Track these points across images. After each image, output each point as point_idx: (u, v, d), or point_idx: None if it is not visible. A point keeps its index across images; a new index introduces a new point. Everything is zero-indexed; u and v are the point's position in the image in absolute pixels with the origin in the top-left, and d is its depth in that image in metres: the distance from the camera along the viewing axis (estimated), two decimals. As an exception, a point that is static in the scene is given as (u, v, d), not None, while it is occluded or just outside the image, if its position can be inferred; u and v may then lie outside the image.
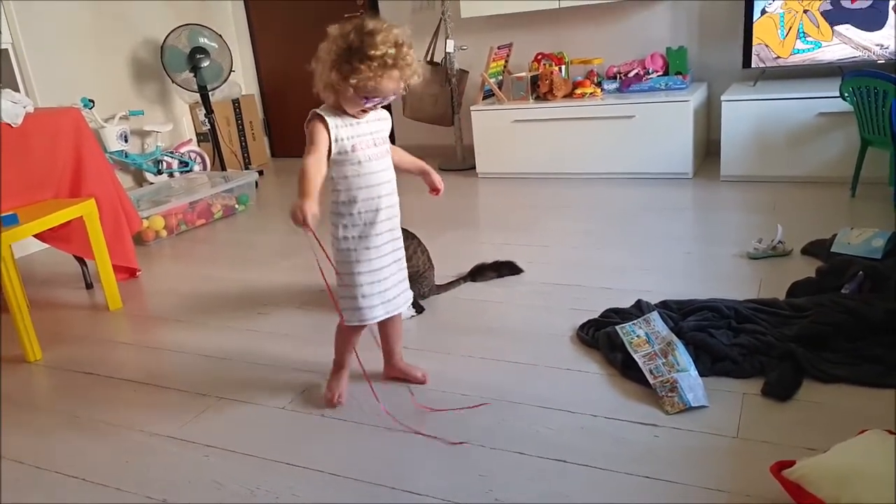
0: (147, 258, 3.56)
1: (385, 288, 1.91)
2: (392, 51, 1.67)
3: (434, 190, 1.99)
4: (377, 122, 1.87)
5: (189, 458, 1.85)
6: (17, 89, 3.84)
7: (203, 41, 4.75)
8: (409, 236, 2.61)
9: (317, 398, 2.08)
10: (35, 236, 2.87)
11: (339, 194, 1.86)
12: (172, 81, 4.79)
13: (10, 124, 2.81)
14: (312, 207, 1.69)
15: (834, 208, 3.25)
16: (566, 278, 2.76)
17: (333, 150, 1.80)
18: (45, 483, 1.81)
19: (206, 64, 4.73)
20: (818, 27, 3.66)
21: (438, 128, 4.73)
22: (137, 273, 3.31)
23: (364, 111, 1.80)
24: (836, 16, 3.61)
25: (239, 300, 2.90)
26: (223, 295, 2.98)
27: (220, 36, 4.88)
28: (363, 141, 1.82)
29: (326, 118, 1.79)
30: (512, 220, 3.64)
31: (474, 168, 4.57)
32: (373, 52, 1.66)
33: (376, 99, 1.75)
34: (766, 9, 3.74)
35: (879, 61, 3.56)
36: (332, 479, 1.70)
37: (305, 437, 1.89)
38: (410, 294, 2.03)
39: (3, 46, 3.92)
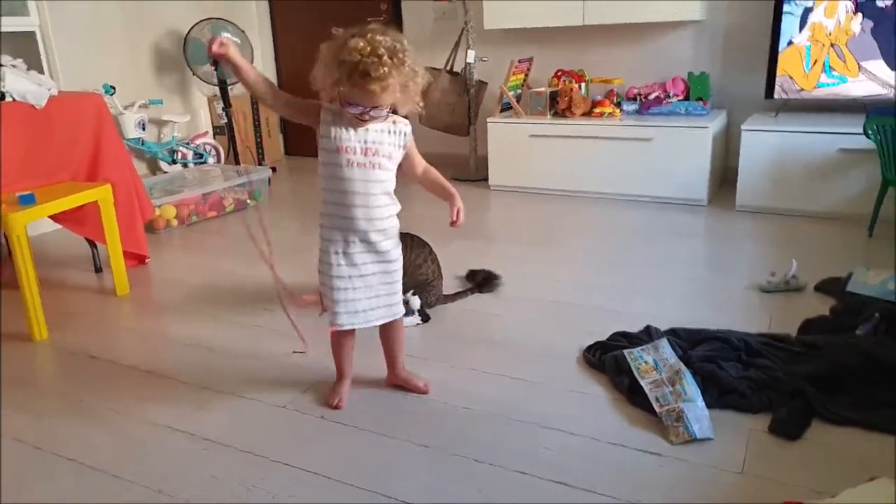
0: (157, 246, 3.56)
1: (353, 298, 1.88)
2: (367, 59, 1.63)
3: (453, 222, 1.93)
4: (378, 133, 1.81)
5: (188, 450, 1.84)
6: (41, 72, 3.85)
7: (226, 36, 4.75)
8: (421, 244, 2.60)
9: (318, 399, 2.06)
10: (50, 217, 2.87)
11: (323, 193, 1.87)
12: (193, 73, 4.80)
13: (34, 106, 2.82)
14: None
15: (850, 247, 3.22)
16: (574, 297, 2.74)
17: (320, 142, 1.82)
18: (44, 464, 1.81)
19: (228, 58, 4.73)
20: (845, 62, 3.64)
21: (453, 137, 4.73)
22: (146, 260, 3.31)
23: (360, 119, 1.76)
24: (864, 51, 3.59)
25: (245, 295, 2.89)
26: (230, 288, 2.97)
27: (244, 32, 4.89)
28: (351, 146, 1.79)
29: (326, 106, 1.81)
30: (523, 234, 3.63)
31: (487, 180, 4.56)
32: (343, 56, 1.66)
33: (359, 107, 1.72)
34: (793, 40, 3.72)
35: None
36: (330, 483, 1.69)
37: (305, 438, 1.88)
38: (396, 310, 1.97)
39: (31, 29, 3.93)
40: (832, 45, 3.64)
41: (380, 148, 1.81)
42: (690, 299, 2.72)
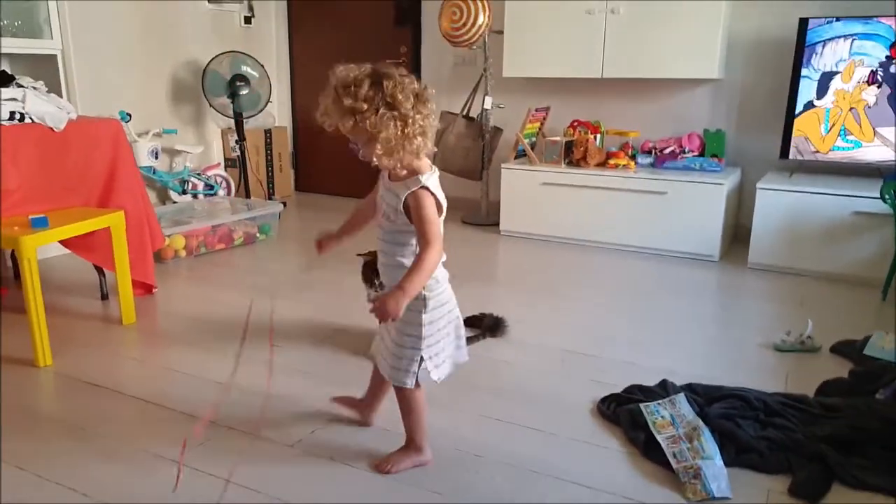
0: (164, 276, 3.53)
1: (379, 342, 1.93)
2: (340, 88, 1.60)
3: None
4: (387, 192, 1.75)
5: (191, 486, 1.78)
6: (61, 95, 3.89)
7: (245, 69, 4.82)
8: None
9: (327, 440, 2.01)
10: (60, 242, 2.85)
11: None
12: (210, 105, 4.84)
13: (52, 128, 2.82)
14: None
15: (863, 310, 3.20)
16: (587, 348, 2.70)
17: None
18: (45, 494, 1.76)
19: (244, 92, 4.79)
20: (860, 126, 3.67)
21: (466, 181, 4.75)
22: (154, 290, 3.27)
23: (379, 168, 1.70)
24: (879, 117, 3.63)
25: (253, 330, 2.84)
26: (237, 322, 2.93)
27: (262, 66, 4.96)
28: (379, 197, 1.81)
29: None
30: (533, 281, 3.60)
31: (497, 225, 4.56)
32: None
33: (352, 142, 1.67)
34: (814, 103, 3.75)
35: (920, 166, 3.56)
36: (338, 530, 1.63)
37: (314, 480, 1.82)
38: (394, 376, 1.83)
39: (53, 52, 3.98)
40: (851, 108, 3.68)
41: (385, 207, 1.75)
42: (705, 354, 2.69)
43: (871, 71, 3.60)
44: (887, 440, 1.94)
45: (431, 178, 1.69)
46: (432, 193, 1.66)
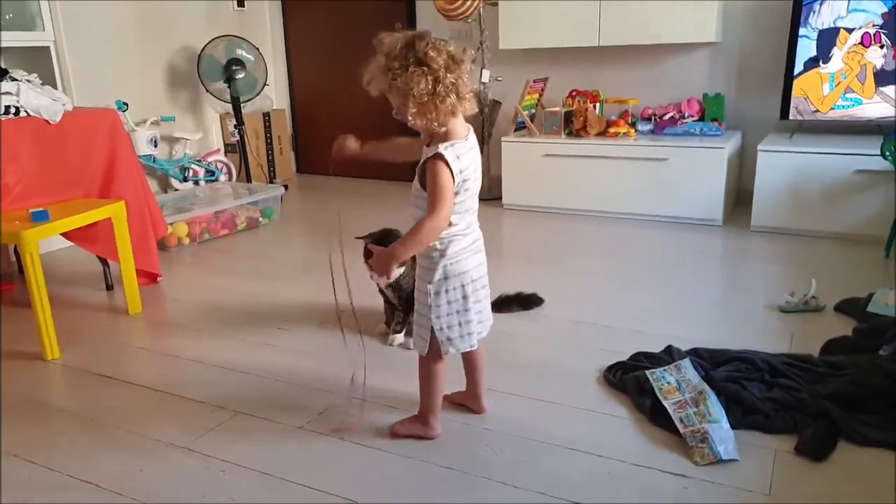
0: (168, 264, 3.55)
1: None
2: (379, 52, 1.66)
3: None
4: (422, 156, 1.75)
5: (203, 472, 1.80)
6: (55, 87, 3.87)
7: (240, 53, 4.79)
8: None
9: (336, 420, 2.03)
10: (61, 234, 2.86)
11: None
12: (206, 90, 4.82)
13: (48, 121, 2.82)
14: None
15: (866, 267, 3.20)
16: (592, 317, 2.71)
17: None
18: (55, 485, 1.78)
19: (241, 76, 4.76)
20: (863, 84, 3.63)
21: (467, 156, 4.72)
22: (159, 279, 3.29)
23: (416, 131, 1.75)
24: (886, 77, 3.59)
25: (259, 314, 2.87)
26: (243, 307, 2.95)
27: (258, 49, 4.92)
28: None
29: None
30: (537, 253, 3.61)
31: (500, 199, 4.55)
32: None
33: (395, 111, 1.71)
34: (822, 65, 3.71)
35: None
36: (350, 506, 1.66)
37: (324, 460, 1.85)
38: (413, 342, 1.92)
39: (46, 44, 3.96)
40: (862, 66, 3.63)
41: (418, 170, 1.74)
42: (710, 319, 2.69)
43: (868, 34, 3.56)
44: (891, 396, 1.95)
45: (455, 147, 1.66)
46: (448, 164, 1.64)
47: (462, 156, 1.68)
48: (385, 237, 2.37)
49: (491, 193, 4.73)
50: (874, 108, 3.65)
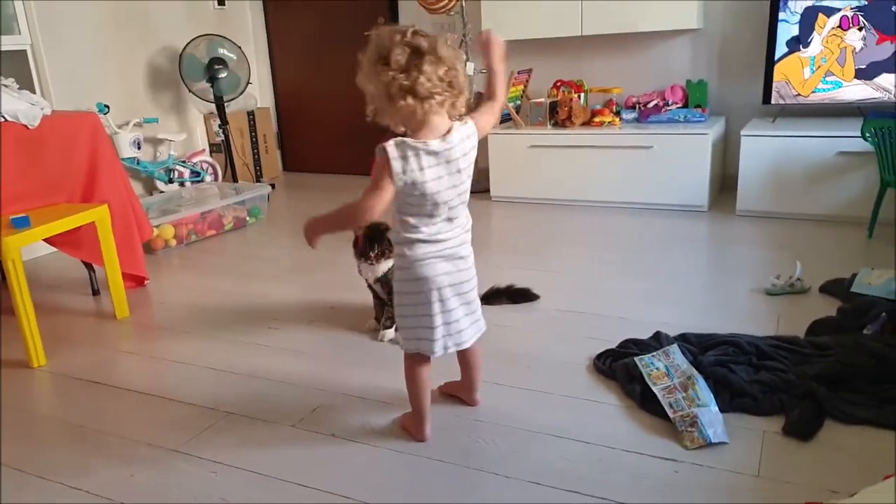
0: (156, 267, 3.53)
1: None
2: None
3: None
4: None
5: (196, 474, 1.80)
6: (33, 91, 3.84)
7: (222, 52, 4.76)
8: None
9: (327, 418, 2.03)
10: (44, 240, 2.83)
11: None
12: (189, 90, 4.79)
13: (26, 126, 2.79)
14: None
15: (850, 248, 3.22)
16: (581, 306, 2.72)
17: None
18: (47, 494, 1.77)
19: (223, 75, 4.73)
20: (843, 67, 3.66)
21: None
22: (146, 282, 3.27)
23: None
24: (864, 59, 3.62)
25: (248, 314, 2.86)
26: (232, 308, 2.94)
27: (240, 48, 4.89)
28: None
29: None
30: (526, 244, 3.61)
31: (488, 191, 4.55)
32: None
33: None
34: (802, 49, 3.72)
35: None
36: (343, 501, 1.66)
37: (317, 458, 1.85)
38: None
39: (23, 47, 3.92)
40: (842, 49, 3.65)
41: None
42: (697, 304, 2.71)
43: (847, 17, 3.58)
44: (874, 374, 1.98)
45: (407, 145, 1.59)
46: (388, 159, 1.59)
47: (413, 157, 1.60)
48: (374, 228, 2.39)
49: (479, 186, 4.72)
50: (854, 90, 3.67)
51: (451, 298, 1.76)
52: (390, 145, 1.60)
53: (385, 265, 2.42)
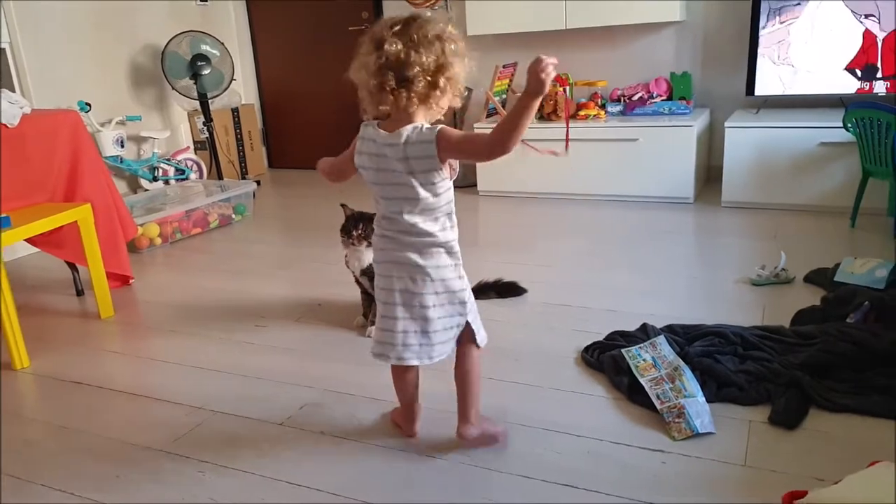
0: (140, 266, 3.50)
1: None
2: None
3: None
4: None
5: (183, 474, 1.79)
6: (13, 90, 3.80)
7: (205, 48, 4.73)
8: None
9: (316, 415, 2.03)
10: (26, 240, 2.81)
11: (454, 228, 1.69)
12: (172, 88, 4.75)
13: (6, 125, 2.76)
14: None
15: (834, 238, 3.25)
16: (569, 299, 2.72)
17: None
18: (32, 496, 1.75)
19: (206, 71, 4.70)
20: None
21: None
22: (130, 281, 3.25)
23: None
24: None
25: (235, 311, 2.85)
26: (219, 305, 2.92)
27: (223, 44, 4.86)
28: None
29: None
30: (513, 238, 3.62)
31: (475, 186, 4.55)
32: None
33: None
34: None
35: (881, 93, 3.58)
36: (334, 499, 1.65)
37: (306, 455, 1.84)
38: None
39: (2, 46, 3.87)
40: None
41: None
42: (684, 296, 2.72)
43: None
44: (859, 363, 1.99)
45: (369, 128, 1.61)
46: (356, 140, 1.65)
47: (362, 137, 1.64)
48: (360, 212, 2.42)
49: (466, 181, 4.73)
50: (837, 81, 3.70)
51: (399, 306, 1.66)
52: (363, 130, 1.64)
53: (370, 254, 2.41)
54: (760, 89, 3.86)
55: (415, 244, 1.62)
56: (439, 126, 1.55)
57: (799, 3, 3.66)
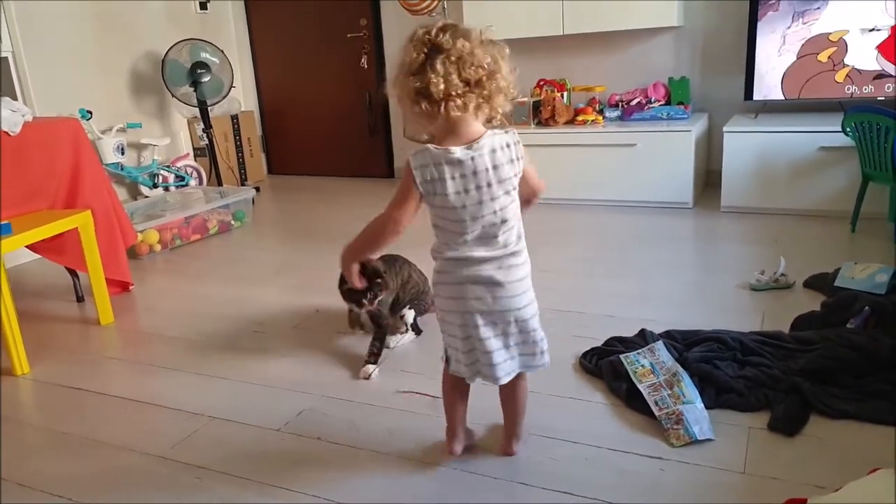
0: (140, 272, 3.51)
1: None
2: None
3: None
4: None
5: (181, 480, 1.79)
6: (15, 98, 3.81)
7: (205, 56, 4.74)
8: (394, 259, 2.51)
9: (313, 421, 2.02)
10: (27, 247, 2.81)
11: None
12: (172, 95, 4.76)
13: (8, 133, 2.77)
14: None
15: (834, 242, 3.25)
16: (567, 305, 2.72)
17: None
18: (30, 502, 1.75)
19: (206, 79, 4.71)
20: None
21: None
22: (130, 287, 3.25)
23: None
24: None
25: (233, 318, 2.85)
26: (217, 312, 2.92)
27: (222, 51, 4.87)
28: None
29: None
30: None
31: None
32: None
33: None
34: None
35: (880, 98, 3.58)
36: (329, 506, 1.65)
37: (303, 462, 1.84)
38: None
39: (3, 55, 3.89)
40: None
41: None
42: (683, 301, 2.72)
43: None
44: (858, 368, 1.99)
45: (428, 153, 1.48)
46: (411, 168, 1.50)
47: (434, 167, 1.48)
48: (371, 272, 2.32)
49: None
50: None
51: (483, 327, 1.58)
52: (413, 154, 1.50)
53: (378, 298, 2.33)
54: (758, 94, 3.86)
55: (507, 261, 1.58)
56: (509, 128, 1.54)
57: (819, 8, 3.66)
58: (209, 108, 4.83)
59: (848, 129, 3.24)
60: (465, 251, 1.55)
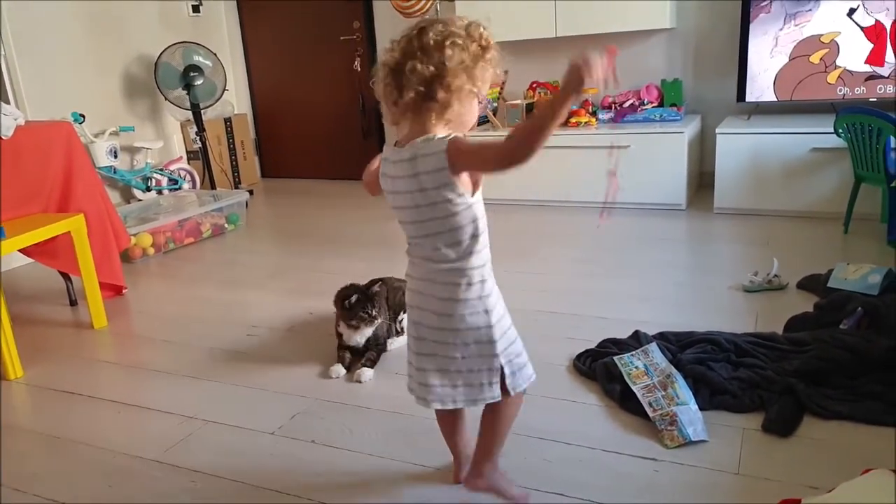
0: (134, 276, 3.50)
1: None
2: None
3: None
4: None
5: (175, 484, 1.78)
6: (7, 101, 3.79)
7: (197, 59, 4.73)
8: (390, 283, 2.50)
9: (306, 424, 2.02)
10: (20, 251, 2.80)
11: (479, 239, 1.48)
12: (165, 98, 4.75)
13: (0, 136, 2.76)
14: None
15: (827, 243, 3.26)
16: (561, 307, 2.72)
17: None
18: (23, 507, 1.74)
19: (199, 82, 4.71)
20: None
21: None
22: (123, 291, 3.24)
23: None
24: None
25: (227, 321, 2.84)
26: (211, 315, 2.92)
27: (215, 54, 4.86)
28: None
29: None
30: (505, 246, 3.59)
31: (467, 194, 4.55)
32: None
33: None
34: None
35: (872, 99, 3.60)
36: (324, 510, 1.65)
37: (297, 465, 1.83)
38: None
39: (-5, 58, 3.88)
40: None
41: None
42: (677, 303, 2.72)
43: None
44: (851, 369, 1.99)
45: (388, 147, 1.46)
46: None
47: (383, 157, 1.48)
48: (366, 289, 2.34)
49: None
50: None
51: (412, 339, 1.53)
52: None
53: (368, 331, 2.32)
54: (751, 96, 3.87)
55: (435, 277, 1.45)
56: (452, 135, 1.37)
57: (811, 10, 3.67)
58: (202, 112, 4.82)
59: (840, 131, 3.26)
60: (410, 252, 1.53)
